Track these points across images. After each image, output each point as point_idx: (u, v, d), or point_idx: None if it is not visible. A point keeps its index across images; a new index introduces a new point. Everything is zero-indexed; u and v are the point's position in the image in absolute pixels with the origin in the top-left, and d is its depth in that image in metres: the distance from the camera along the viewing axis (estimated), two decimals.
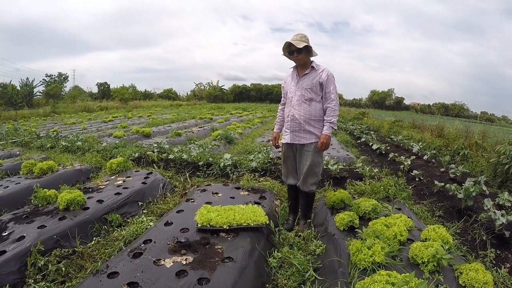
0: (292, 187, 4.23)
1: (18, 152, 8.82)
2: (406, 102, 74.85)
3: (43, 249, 3.38)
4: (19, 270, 3.17)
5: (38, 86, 45.15)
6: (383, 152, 9.48)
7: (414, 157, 8.38)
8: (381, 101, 70.71)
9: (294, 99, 3.92)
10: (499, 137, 9.78)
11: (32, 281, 3.13)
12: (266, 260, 3.27)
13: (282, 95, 4.26)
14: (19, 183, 5.58)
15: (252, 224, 3.51)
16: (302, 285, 3.02)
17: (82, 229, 3.86)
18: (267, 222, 3.61)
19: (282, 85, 4.26)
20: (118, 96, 44.96)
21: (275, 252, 3.41)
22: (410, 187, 5.89)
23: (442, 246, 2.88)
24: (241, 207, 3.76)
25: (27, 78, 40.56)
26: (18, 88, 38.65)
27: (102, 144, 9.16)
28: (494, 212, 3.97)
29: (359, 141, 12.57)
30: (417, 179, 6.27)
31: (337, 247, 3.31)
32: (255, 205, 4.05)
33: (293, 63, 4.03)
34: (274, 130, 4.38)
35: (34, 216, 4.09)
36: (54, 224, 3.83)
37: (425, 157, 8.34)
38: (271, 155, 7.06)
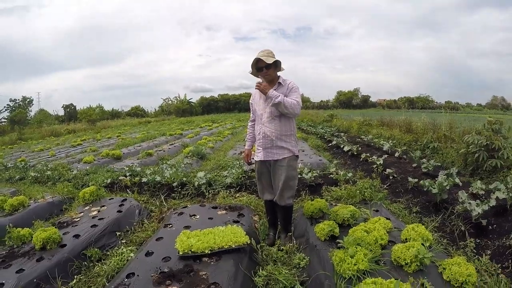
0: (269, 202, 4.25)
1: None
2: (373, 99, 76.77)
3: None
4: None
5: (2, 112, 43.77)
6: (355, 153, 9.66)
7: (386, 155, 8.59)
8: (348, 100, 72.21)
9: (264, 116, 3.93)
10: (465, 126, 10.17)
11: None
12: (252, 280, 3.28)
13: (251, 112, 4.27)
14: None
15: (233, 246, 3.51)
16: None
17: (61, 269, 3.76)
18: (248, 242, 3.61)
19: (250, 101, 4.25)
20: (86, 118, 43.92)
21: (260, 270, 3.42)
22: (385, 186, 6.06)
23: (423, 244, 2.98)
24: (220, 229, 3.76)
25: None
26: None
27: (72, 171, 8.95)
28: (469, 203, 4.14)
29: (330, 144, 12.76)
30: (391, 177, 6.44)
31: (321, 258, 3.34)
32: (234, 224, 4.06)
33: (258, 79, 4.01)
34: (246, 147, 4.41)
35: (11, 259, 3.93)
36: (32, 266, 3.70)
37: (396, 154, 8.57)
38: (244, 168, 7.08)
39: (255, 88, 3.88)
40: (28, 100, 50.99)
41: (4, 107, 47.08)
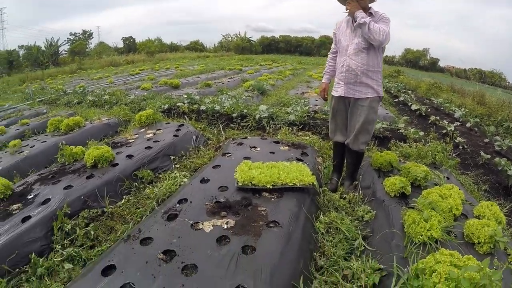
0: (339, 144, 3.79)
1: (45, 110, 8.69)
2: (441, 64, 71.00)
3: (69, 212, 3.13)
4: (46, 236, 2.95)
5: (63, 45, 45.10)
6: (423, 114, 8.86)
7: (457, 123, 7.74)
8: (415, 60, 67.48)
9: (350, 48, 3.40)
10: None
11: (60, 247, 2.90)
12: (313, 225, 2.89)
13: (334, 43, 3.73)
14: (45, 141, 5.40)
15: (298, 184, 3.11)
16: (350, 255, 2.65)
17: (111, 188, 3.58)
18: (315, 183, 3.21)
19: (333, 31, 3.71)
20: (144, 50, 44.36)
21: (322, 216, 3.03)
22: (454, 155, 5.35)
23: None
24: (285, 165, 3.35)
25: (52, 38, 40.59)
26: (43, 48, 38.69)
27: (129, 97, 8.84)
28: None
29: (397, 100, 11.84)
30: (460, 147, 5.72)
31: (388, 215, 2.92)
32: (298, 162, 3.63)
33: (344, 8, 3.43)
34: (323, 81, 3.88)
35: (61, 175, 3.84)
36: (81, 183, 3.56)
37: (468, 125, 7.71)
38: (309, 108, 6.56)
39: (346, 7, 3.34)
40: (88, 33, 51.79)
41: (65, 40, 48.42)
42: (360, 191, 3.54)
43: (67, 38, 48.75)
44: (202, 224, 2.59)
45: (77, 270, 2.67)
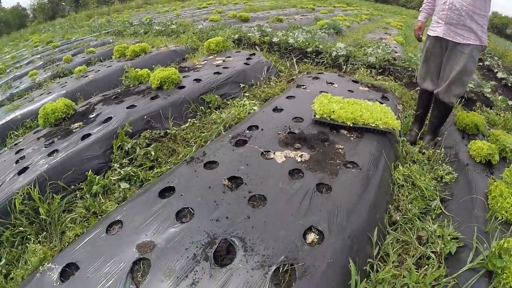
0: (426, 93, 3.32)
1: (111, 40, 8.80)
2: None
3: (130, 131, 3.04)
4: (104, 154, 2.90)
5: None
6: (510, 84, 7.94)
7: None
8: (502, 27, 60.92)
9: None
10: None
11: (118, 165, 2.81)
12: (391, 175, 2.55)
13: None
14: (110, 66, 5.40)
15: (380, 127, 2.73)
16: (425, 215, 2.32)
17: (175, 110, 3.42)
18: (399, 128, 2.84)
19: None
20: None
21: (400, 167, 2.67)
22: None
23: None
24: (368, 104, 2.97)
25: None
26: None
27: (197, 26, 8.57)
28: None
29: (481, 63, 10.72)
30: None
31: (471, 181, 2.54)
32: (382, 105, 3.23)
33: None
34: (419, 19, 3.35)
35: (124, 96, 3.76)
36: (145, 103, 3.45)
37: None
38: (390, 50, 5.94)
39: None
40: None
41: None
42: (442, 149, 3.11)
43: None
44: (274, 153, 2.33)
45: (133, 190, 2.59)
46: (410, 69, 5.07)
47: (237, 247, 1.61)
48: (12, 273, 2.16)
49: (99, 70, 5.26)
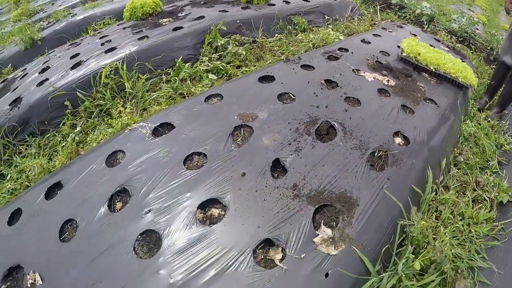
0: (505, 66, 3.34)
1: None
2: None
3: (225, 28, 3.22)
4: (194, 46, 3.10)
5: None
6: None
7: None
8: None
9: None
10: None
11: (207, 59, 3.02)
12: (460, 125, 2.72)
13: None
14: None
15: (460, 79, 2.87)
16: (483, 170, 2.48)
17: (265, 22, 3.59)
18: (475, 86, 3.00)
19: None
20: None
21: (468, 121, 2.84)
22: None
23: None
24: (452, 57, 3.09)
25: None
26: None
27: None
28: None
29: None
30: None
31: None
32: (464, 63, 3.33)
33: None
34: None
35: (214, 3, 3.91)
36: (237, 11, 3.62)
37: None
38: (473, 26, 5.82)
39: None
40: None
41: None
42: (507, 122, 3.22)
43: None
44: (364, 73, 2.54)
45: (220, 82, 2.80)
46: (489, 47, 5.03)
47: (337, 129, 1.87)
48: (89, 138, 2.40)
49: None
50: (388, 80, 2.52)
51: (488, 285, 1.61)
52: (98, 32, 3.78)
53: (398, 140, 1.94)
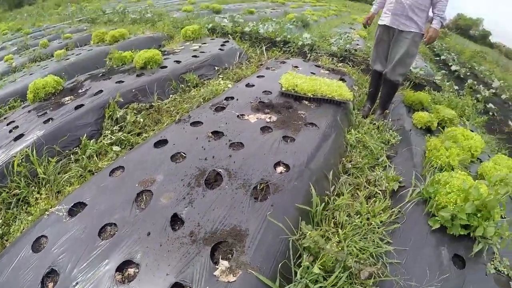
0: (377, 73, 3.91)
1: (85, 28, 8.85)
2: (493, 40, 66.34)
3: (122, 100, 3.41)
4: (96, 122, 3.27)
5: None
6: (461, 76, 8.75)
7: (493, 91, 7.61)
8: (466, 28, 63.18)
9: None
10: None
11: (109, 132, 3.19)
12: (344, 136, 3.12)
13: None
14: (91, 49, 5.63)
15: (336, 98, 3.29)
16: (374, 168, 2.88)
17: (159, 86, 3.84)
18: (351, 99, 3.40)
19: None
20: None
21: (353, 130, 3.26)
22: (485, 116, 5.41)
23: None
24: (326, 80, 3.54)
25: None
26: None
27: (172, 15, 8.91)
28: None
29: (438, 58, 11.73)
30: (491, 113, 5.73)
31: (412, 142, 3.16)
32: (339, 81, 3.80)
33: None
34: (371, 10, 3.94)
35: (111, 74, 4.11)
36: (132, 80, 3.84)
37: (503, 96, 7.58)
38: (351, 44, 6.54)
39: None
40: None
41: None
42: (390, 120, 3.72)
43: None
44: (248, 116, 2.84)
45: (124, 152, 2.97)
46: (368, 59, 5.69)
47: (223, 175, 2.11)
48: (11, 229, 2.44)
49: (80, 53, 5.51)
50: (270, 117, 2.84)
51: (399, 263, 1.88)
52: (5, 118, 3.80)
53: (280, 169, 2.21)
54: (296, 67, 4.44)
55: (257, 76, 3.89)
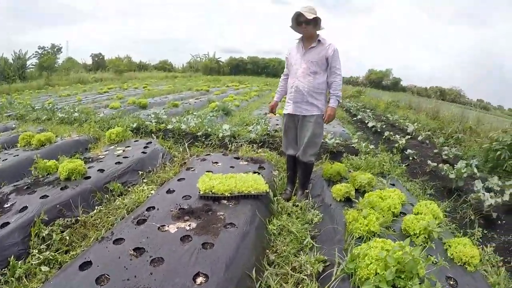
0: (291, 157, 4.29)
1: (14, 125, 8.70)
2: (404, 83, 73.87)
3: (46, 218, 3.43)
4: (23, 241, 3.23)
5: (31, 58, 43.74)
6: (379, 130, 9.58)
7: (409, 137, 8.47)
8: (378, 80, 69.76)
9: (299, 71, 3.93)
10: (493, 125, 10.09)
11: (36, 251, 3.17)
12: (266, 227, 3.36)
13: (286, 66, 4.27)
14: (17, 155, 5.55)
15: (253, 192, 3.57)
16: (300, 252, 3.10)
17: (84, 198, 3.90)
18: (268, 191, 3.68)
19: (286, 56, 4.23)
20: (113, 68, 44.14)
21: (274, 219, 3.51)
22: (403, 165, 6.02)
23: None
24: (242, 176, 3.82)
25: (20, 50, 39.05)
26: (11, 61, 37.43)
27: (99, 115, 9.09)
28: (484, 193, 4.15)
29: (355, 118, 12.73)
30: (411, 158, 6.42)
31: (334, 216, 3.43)
32: (255, 174, 4.11)
33: (298, 35, 4.04)
34: (274, 99, 4.42)
35: (36, 186, 4.12)
36: (57, 193, 3.87)
37: (419, 138, 8.45)
38: (269, 127, 7.08)
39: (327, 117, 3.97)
40: (56, 47, 49.90)
41: (33, 53, 47.14)
42: (311, 199, 4.03)
43: (36, 52, 47.32)
44: (168, 226, 3.01)
45: (53, 273, 2.95)
46: None
47: None
48: None
49: (6, 159, 5.39)
50: (190, 224, 3.03)
51: None
52: None
53: (200, 279, 2.36)
54: (216, 163, 4.75)
55: (178, 180, 4.11)
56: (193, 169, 4.50)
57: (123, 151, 5.37)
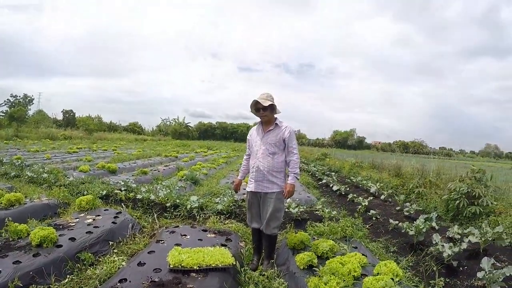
0: (256, 230, 4.61)
1: None
2: (368, 141, 77.54)
3: (21, 284, 3.52)
4: None
5: (2, 106, 43.33)
6: (343, 193, 10.02)
7: (372, 197, 8.90)
8: (344, 140, 72.86)
9: (259, 152, 4.40)
10: (452, 173, 10.77)
11: None
12: None
13: (247, 147, 4.76)
14: None
15: (220, 265, 3.83)
16: None
17: (56, 267, 3.99)
18: (234, 263, 3.93)
19: (248, 138, 4.74)
20: (83, 126, 44.03)
21: None
22: (367, 226, 6.45)
23: (392, 279, 3.35)
24: (209, 249, 4.09)
25: None
26: None
27: (68, 178, 9.12)
28: (442, 245, 4.53)
29: (321, 182, 13.22)
30: (374, 218, 6.84)
31: (298, 284, 3.72)
32: (222, 247, 4.37)
33: (258, 119, 4.57)
34: (238, 177, 4.83)
35: (7, 250, 4.18)
36: (29, 260, 3.95)
37: (382, 197, 8.96)
38: (235, 197, 7.37)
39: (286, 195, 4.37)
40: (29, 98, 49.87)
41: (4, 101, 46.71)
42: (276, 268, 4.29)
43: (7, 99, 46.73)
44: None
45: None
46: None
47: None
48: None
49: None
50: None
51: None
52: None
53: None
54: (185, 235, 4.98)
55: (148, 252, 4.30)
56: (162, 241, 4.70)
57: (94, 220, 5.49)
